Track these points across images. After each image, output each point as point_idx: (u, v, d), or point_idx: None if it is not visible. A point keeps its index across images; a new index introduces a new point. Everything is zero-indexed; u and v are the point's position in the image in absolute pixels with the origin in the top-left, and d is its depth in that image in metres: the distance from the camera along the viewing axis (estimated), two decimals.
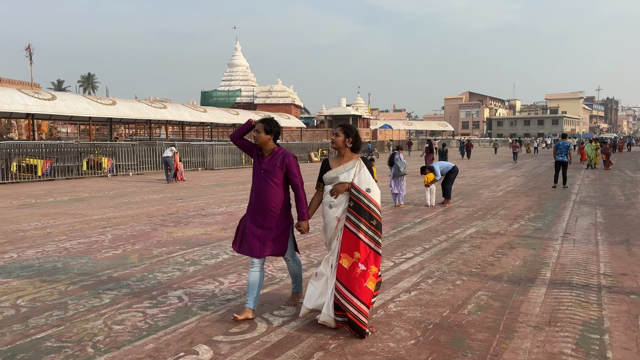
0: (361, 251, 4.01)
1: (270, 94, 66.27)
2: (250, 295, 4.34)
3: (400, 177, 11.69)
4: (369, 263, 4.02)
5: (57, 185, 17.30)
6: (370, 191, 4.12)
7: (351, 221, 4.05)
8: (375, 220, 4.07)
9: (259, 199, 4.24)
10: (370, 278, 4.00)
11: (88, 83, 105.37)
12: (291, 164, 4.28)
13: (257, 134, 4.24)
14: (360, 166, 4.22)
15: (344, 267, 4.01)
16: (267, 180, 4.23)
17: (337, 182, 4.18)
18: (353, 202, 4.08)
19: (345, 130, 4.28)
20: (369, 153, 40.88)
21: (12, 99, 22.94)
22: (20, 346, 3.82)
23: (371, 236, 4.04)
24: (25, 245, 7.43)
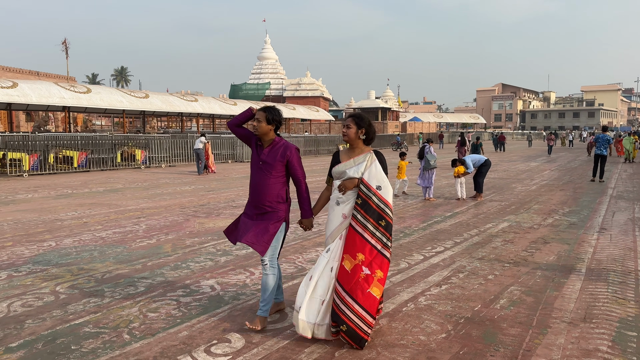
0: (366, 253, 3.65)
1: (299, 87, 66.39)
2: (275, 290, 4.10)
3: (430, 170, 11.57)
4: (374, 267, 3.64)
5: (93, 177, 17.77)
6: (381, 189, 3.74)
7: (357, 220, 3.70)
8: (384, 220, 3.70)
9: (256, 192, 3.93)
10: (375, 283, 3.62)
11: (121, 76, 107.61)
12: (293, 156, 3.92)
13: (257, 123, 3.90)
14: (372, 160, 3.85)
15: (346, 269, 3.66)
16: (265, 173, 3.90)
17: (345, 177, 3.83)
18: (361, 200, 3.72)
19: (356, 121, 3.91)
20: (398, 146, 40.60)
21: (50, 92, 23.62)
22: (60, 331, 3.96)
23: (378, 237, 3.68)
24: (63, 234, 7.67)
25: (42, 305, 4.54)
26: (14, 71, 51.23)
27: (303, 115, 42.81)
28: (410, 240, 7.28)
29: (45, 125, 41.05)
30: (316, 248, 6.74)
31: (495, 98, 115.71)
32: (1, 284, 5.16)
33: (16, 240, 7.23)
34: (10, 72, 50.46)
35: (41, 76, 52.34)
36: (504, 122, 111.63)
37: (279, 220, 3.91)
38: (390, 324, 4.11)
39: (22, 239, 7.27)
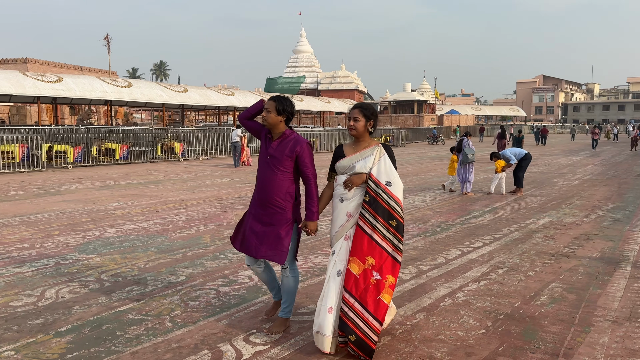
0: (375, 256, 3.36)
1: (334, 80, 66.30)
2: (273, 289, 3.96)
3: (468, 164, 11.39)
4: (385, 272, 3.36)
5: (134, 169, 18.27)
6: (390, 185, 3.43)
7: (365, 219, 3.39)
8: (395, 220, 3.39)
9: (262, 189, 3.63)
10: (386, 290, 3.35)
11: (160, 71, 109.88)
12: (303, 152, 3.58)
13: (266, 113, 3.60)
14: (380, 154, 3.52)
15: (353, 273, 3.36)
16: (272, 168, 3.59)
17: (352, 172, 3.51)
18: (369, 197, 3.41)
19: (364, 112, 3.56)
20: (434, 140, 40.07)
21: (93, 87, 24.38)
22: (105, 317, 4.12)
23: (389, 239, 3.38)
24: (107, 224, 7.93)
25: (88, 292, 4.73)
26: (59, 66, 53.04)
27: (337, 109, 42.78)
28: (448, 235, 7.20)
29: (88, 118, 42.39)
30: None
31: (536, 90, 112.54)
32: (50, 271, 5.39)
33: (62, 229, 7.53)
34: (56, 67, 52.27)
35: (84, 71, 54.00)
36: (545, 114, 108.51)
37: (289, 224, 3.62)
38: (427, 319, 4.09)
39: (68, 229, 7.56)
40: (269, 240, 3.60)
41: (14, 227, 7.64)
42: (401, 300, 4.52)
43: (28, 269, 5.44)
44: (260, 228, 3.63)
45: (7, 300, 4.50)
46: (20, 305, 4.38)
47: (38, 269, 5.46)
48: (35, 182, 13.88)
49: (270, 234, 3.60)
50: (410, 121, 56.11)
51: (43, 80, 22.65)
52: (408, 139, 39.53)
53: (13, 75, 22.13)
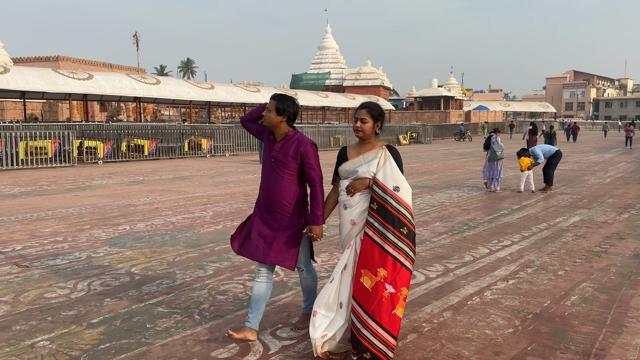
0: (388, 268, 3.14)
1: (359, 76, 66.06)
2: (253, 312, 3.51)
3: (496, 161, 11.22)
4: (399, 284, 3.14)
5: (162, 164, 18.57)
6: (398, 190, 3.21)
7: (375, 229, 3.18)
8: (406, 228, 3.18)
9: (268, 194, 3.45)
10: (400, 303, 3.15)
11: (187, 68, 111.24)
12: (308, 153, 3.39)
13: (267, 112, 3.41)
14: (386, 157, 3.28)
15: (365, 286, 3.17)
16: (277, 171, 3.41)
17: (355, 177, 3.29)
18: (377, 205, 3.19)
19: (372, 113, 3.33)
20: (461, 136, 39.57)
21: (122, 84, 24.85)
22: (135, 310, 4.21)
23: (401, 248, 3.16)
24: (136, 218, 8.09)
25: (118, 285, 4.83)
26: (90, 64, 54.22)
27: None
28: (475, 233, 7.12)
29: (118, 115, 43.24)
30: None
31: (567, 86, 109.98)
32: (82, 264, 5.53)
33: (94, 223, 7.71)
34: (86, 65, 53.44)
35: (114, 68, 55.07)
36: (576, 111, 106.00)
37: (298, 226, 3.46)
38: (454, 317, 4.06)
39: (99, 223, 7.74)
40: (279, 245, 3.41)
41: (47, 221, 7.86)
42: (428, 297, 4.49)
43: (61, 262, 5.60)
44: (270, 233, 3.45)
45: (41, 291, 4.64)
46: (54, 297, 4.51)
47: (71, 261, 5.61)
48: (66, 177, 14.24)
49: (280, 239, 3.42)
50: (436, 117, 55.53)
51: (74, 77, 23.19)
52: (434, 136, 39.14)
53: (46, 72, 22.72)
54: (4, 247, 6.24)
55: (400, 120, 54.98)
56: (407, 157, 22.39)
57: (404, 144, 33.97)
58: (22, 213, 8.54)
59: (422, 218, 8.15)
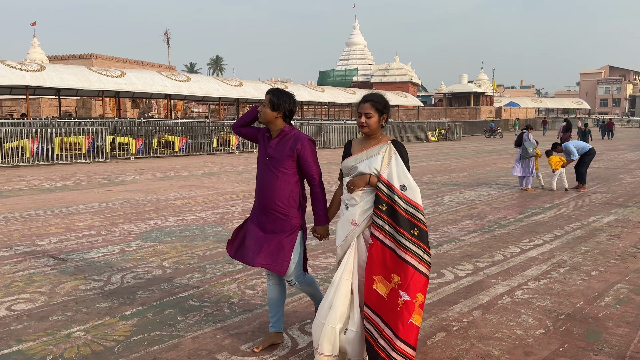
0: (401, 274, 2.93)
1: (387, 72, 65.61)
2: (273, 316, 3.45)
3: (528, 159, 11.01)
4: (414, 290, 2.92)
5: (192, 160, 18.85)
6: (405, 189, 2.98)
7: (385, 231, 2.96)
8: (417, 229, 2.96)
9: (262, 194, 3.27)
10: (416, 311, 2.92)
11: (216, 65, 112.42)
12: (305, 150, 3.20)
13: (262, 108, 3.25)
14: (391, 154, 3.04)
15: (380, 294, 2.97)
16: (272, 170, 3.23)
17: (355, 173, 3.09)
18: (385, 205, 2.97)
19: (377, 106, 3.08)
20: (492, 133, 38.93)
21: (153, 81, 25.28)
22: (167, 302, 4.29)
23: (414, 252, 2.93)
24: (167, 213, 8.24)
25: (150, 278, 4.94)
26: (122, 61, 55.32)
27: (391, 102, 41.84)
28: (506, 231, 7.01)
29: (149, 111, 44.05)
30: None
31: (601, 82, 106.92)
32: (115, 257, 5.67)
33: (126, 217, 7.89)
34: (119, 62, 54.55)
35: (145, 65, 56.06)
36: (611, 107, 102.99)
37: (293, 232, 3.23)
38: (484, 316, 4.01)
39: (131, 217, 7.92)
40: (270, 247, 3.19)
41: (81, 215, 8.08)
42: (457, 296, 4.45)
43: (95, 255, 5.75)
44: (262, 235, 3.25)
45: (77, 283, 4.78)
46: (88, 289, 4.64)
47: (104, 255, 5.76)
48: (100, 172, 14.60)
49: (271, 241, 3.20)
50: (466, 114, 54.74)
51: (107, 75, 23.71)
52: (464, 132, 38.61)
53: (80, 70, 23.29)
54: (40, 240, 6.45)
55: (428, 116, 54.42)
56: (435, 154, 22.16)
57: (433, 140, 33.61)
58: (57, 207, 8.81)
59: (451, 216, 8.06)
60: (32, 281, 4.83)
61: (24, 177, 13.40)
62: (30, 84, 20.24)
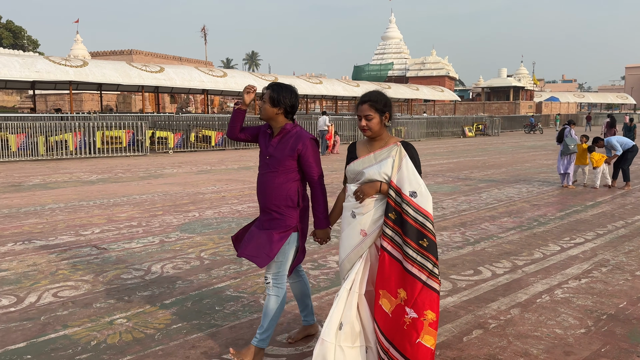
0: (407, 288, 2.70)
1: (423, 66, 64.79)
2: (302, 310, 3.43)
3: (569, 155, 10.69)
4: (421, 306, 2.67)
5: (228, 155, 19.12)
6: (416, 195, 2.73)
7: (394, 243, 2.73)
8: (426, 239, 2.71)
9: (262, 193, 3.13)
10: (426, 330, 2.66)
11: (252, 61, 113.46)
12: (306, 149, 3.03)
13: (262, 104, 3.09)
14: (401, 157, 2.80)
15: (385, 310, 2.75)
16: (271, 169, 3.08)
17: (363, 179, 2.84)
18: (395, 214, 2.74)
19: (376, 106, 2.85)
20: (531, 128, 37.96)
21: (191, 76, 25.73)
22: (205, 292, 4.39)
23: (420, 264, 2.69)
24: (205, 206, 8.40)
25: (189, 268, 5.06)
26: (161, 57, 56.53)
27: (426, 96, 41.79)
28: (545, 229, 6.84)
29: (187, 106, 44.88)
30: (440, 232, 6.62)
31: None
32: (155, 248, 5.83)
33: (165, 209, 8.08)
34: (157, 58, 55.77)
35: (183, 61, 57.11)
36: None
37: (287, 230, 3.06)
38: (522, 315, 3.94)
39: (170, 209, 8.11)
40: (258, 240, 3.08)
41: (122, 207, 8.33)
42: (494, 294, 4.38)
43: (136, 245, 5.92)
44: (257, 230, 3.16)
45: (118, 272, 4.94)
46: (130, 277, 4.79)
47: (145, 245, 5.92)
48: (139, 165, 14.99)
49: (262, 235, 3.09)
50: (505, 109, 53.56)
51: (147, 70, 24.26)
52: (502, 128, 37.80)
53: (120, 65, 23.92)
54: (83, 230, 6.68)
55: (466, 111, 53.49)
56: (472, 149, 21.77)
57: (470, 136, 33.03)
58: (99, 199, 9.10)
59: (489, 213, 7.93)
60: (77, 269, 5.02)
61: (67, 169, 13.89)
62: (74, 79, 20.90)
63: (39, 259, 5.35)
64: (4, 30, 65.63)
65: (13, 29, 66.83)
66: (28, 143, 16.35)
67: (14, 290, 4.44)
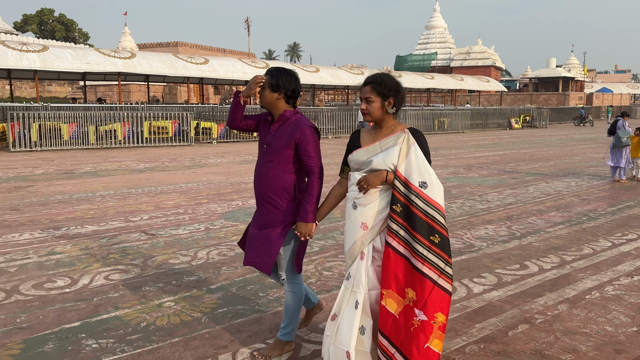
0: (417, 288, 2.49)
1: (468, 56, 63.36)
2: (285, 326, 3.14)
3: (622, 148, 10.25)
4: (431, 308, 2.47)
5: None
6: (426, 186, 2.50)
7: (400, 238, 2.52)
8: (438, 235, 2.50)
9: (257, 184, 2.99)
10: (435, 333, 2.48)
11: (293, 52, 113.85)
12: (305, 138, 2.84)
13: (261, 90, 2.93)
14: (409, 144, 2.57)
15: (390, 312, 2.53)
16: (268, 158, 2.93)
17: (368, 168, 2.63)
18: (401, 206, 2.51)
19: (378, 89, 2.63)
20: (581, 120, 36.57)
21: (234, 68, 26.07)
22: (249, 279, 4.48)
23: (432, 262, 2.48)
24: (247, 195, 8.53)
25: (234, 255, 5.16)
26: (205, 49, 57.51)
27: (471, 87, 40.84)
28: (596, 224, 6.60)
29: (230, 97, 45.55)
30: (485, 226, 6.51)
31: None
32: (201, 234, 5.98)
33: (210, 198, 8.26)
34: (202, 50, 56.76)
35: (227, 53, 57.94)
36: None
37: (284, 226, 2.91)
38: (570, 311, 3.83)
39: (214, 198, 8.28)
40: (258, 243, 2.94)
41: (169, 194, 8.57)
42: (541, 289, 4.28)
43: (182, 232, 6.09)
44: (255, 231, 3.00)
45: (166, 257, 5.10)
46: (177, 263, 4.94)
47: (191, 232, 6.08)
48: (185, 155, 15.35)
49: (262, 237, 2.93)
50: (553, 100, 51.78)
51: (192, 62, 24.74)
52: (550, 120, 36.59)
53: (167, 57, 24.48)
54: (132, 216, 6.92)
55: (512, 102, 52.03)
56: (519, 141, 21.19)
57: (516, 127, 32.13)
58: (147, 186, 9.39)
59: (536, 207, 7.72)
60: (127, 254, 5.21)
61: (116, 158, 14.38)
62: (122, 71, 21.54)
63: (91, 243, 5.59)
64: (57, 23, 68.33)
65: (65, 22, 69.48)
66: (79, 132, 17.02)
67: (68, 272, 4.66)
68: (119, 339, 3.37)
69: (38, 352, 3.20)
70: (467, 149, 17.90)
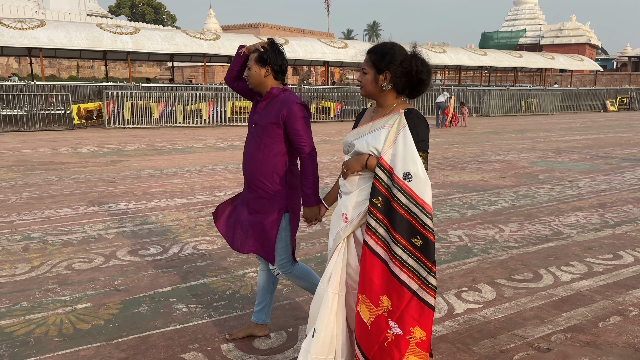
0: (393, 296, 2.13)
1: (560, 33, 59.47)
2: (258, 304, 3.06)
3: None
4: (408, 321, 2.12)
5: (346, 126, 19.32)
6: (410, 178, 2.09)
7: (378, 237, 2.15)
8: (421, 237, 2.10)
9: (246, 167, 2.84)
10: (411, 349, 2.12)
11: (372, 31, 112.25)
12: (293, 115, 2.65)
13: (248, 71, 2.77)
14: (399, 127, 2.16)
15: (363, 320, 2.20)
16: (256, 139, 2.76)
17: (352, 151, 2.33)
18: (382, 199, 2.14)
19: (372, 59, 2.28)
20: None
21: (313, 48, 26.20)
22: (326, 256, 4.54)
23: (413, 270, 2.11)
24: (325, 174, 8.64)
25: (311, 232, 5.27)
26: (285, 30, 58.21)
27: (563, 66, 38.29)
28: None
29: (308, 78, 45.98)
30: (575, 213, 6.16)
31: None
32: None
33: None
34: (282, 31, 57.49)
35: (306, 33, 58.33)
36: None
37: (277, 213, 2.76)
38: None
39: None
40: (255, 232, 2.80)
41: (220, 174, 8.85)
42: (637, 281, 4.00)
43: None
44: (246, 216, 2.85)
45: None
46: None
47: None
48: None
49: (257, 225, 2.79)
50: None
51: None
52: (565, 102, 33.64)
53: (249, 39, 25.03)
54: (217, 191, 7.23)
55: (608, 83, 48.32)
56: (615, 125, 19.72)
57: (612, 110, 29.89)
58: (230, 164, 9.76)
59: (633, 194, 7.18)
60: (212, 226, 5.47)
61: (201, 136, 15.04)
62: (207, 52, 22.34)
63: (180, 215, 5.92)
64: (147, 6, 71.88)
65: (154, 5, 72.94)
66: (168, 111, 17.95)
67: (159, 241, 4.98)
68: (206, 304, 3.57)
69: (134, 312, 3.47)
70: (556, 132, 16.93)
